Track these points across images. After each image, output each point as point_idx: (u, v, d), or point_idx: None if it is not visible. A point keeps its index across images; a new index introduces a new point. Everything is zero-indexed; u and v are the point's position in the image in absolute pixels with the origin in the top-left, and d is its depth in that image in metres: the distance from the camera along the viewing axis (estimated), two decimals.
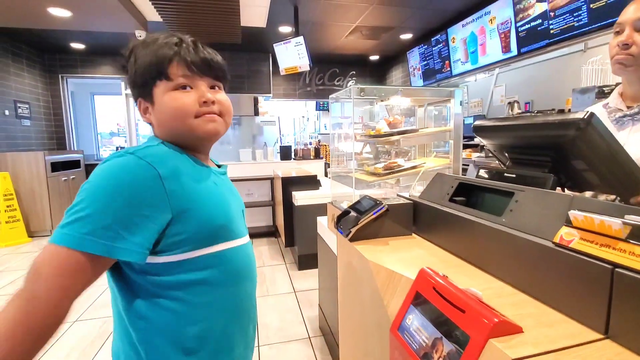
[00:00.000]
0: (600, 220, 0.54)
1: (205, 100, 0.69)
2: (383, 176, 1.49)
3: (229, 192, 0.78)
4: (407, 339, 0.69)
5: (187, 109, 0.67)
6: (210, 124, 0.70)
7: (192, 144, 0.72)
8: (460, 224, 0.87)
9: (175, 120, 0.68)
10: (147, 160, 0.60)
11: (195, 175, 0.68)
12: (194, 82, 0.69)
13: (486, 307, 0.58)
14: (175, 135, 0.70)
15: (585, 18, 2.66)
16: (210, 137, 0.72)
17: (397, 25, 4.55)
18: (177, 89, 0.68)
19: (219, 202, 0.70)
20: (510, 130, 0.89)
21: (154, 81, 0.68)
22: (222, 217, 0.69)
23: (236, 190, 0.85)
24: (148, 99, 0.70)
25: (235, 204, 0.79)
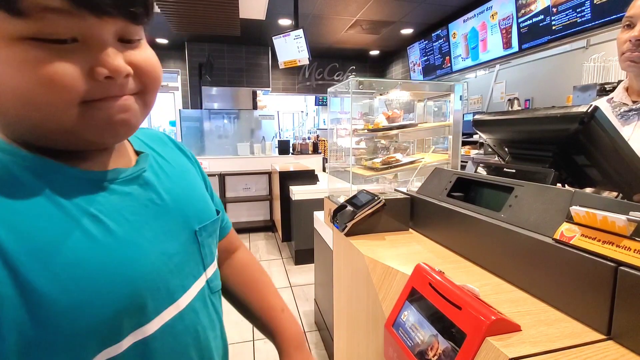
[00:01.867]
0: (603, 217, 0.52)
1: (109, 74, 0.33)
2: (380, 171, 1.47)
3: (148, 215, 0.42)
4: (402, 335, 0.67)
5: (62, 88, 0.31)
6: (117, 116, 0.36)
7: (71, 144, 0.36)
8: (458, 220, 0.85)
9: (28, 108, 0.31)
10: None
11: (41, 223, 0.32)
12: (82, 28, 0.31)
13: (483, 304, 0.56)
14: (23, 131, 0.35)
15: (588, 14, 2.63)
16: (113, 139, 0.39)
17: (398, 19, 4.50)
18: (38, 41, 0.30)
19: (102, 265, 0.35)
20: (511, 125, 0.87)
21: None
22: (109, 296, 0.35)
23: (180, 193, 0.47)
24: None
25: (170, 234, 0.44)
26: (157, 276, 0.40)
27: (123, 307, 0.36)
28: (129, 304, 0.36)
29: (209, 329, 0.48)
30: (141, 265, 0.38)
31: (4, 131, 0.36)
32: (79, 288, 0.33)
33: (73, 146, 0.37)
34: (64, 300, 0.32)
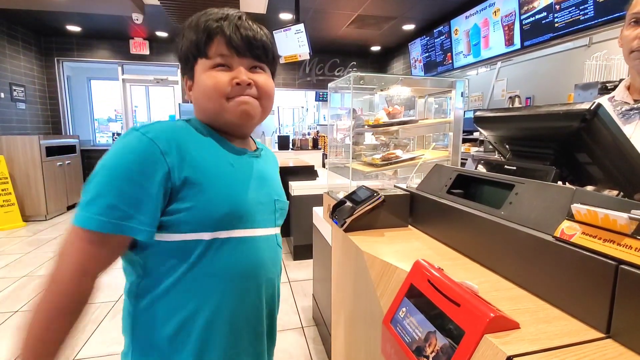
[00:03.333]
0: (604, 215, 0.52)
1: (238, 82, 0.65)
2: (380, 167, 1.46)
3: (254, 177, 0.72)
4: (400, 331, 0.67)
5: (218, 89, 0.65)
6: (241, 106, 0.67)
7: (225, 126, 0.70)
8: (458, 216, 0.84)
9: (207, 99, 0.66)
10: (149, 136, 0.59)
11: (205, 153, 0.65)
12: (231, 62, 0.67)
13: (482, 301, 0.56)
14: (208, 116, 0.69)
15: (591, 12, 2.61)
16: (241, 121, 0.69)
17: (400, 15, 4.47)
18: (214, 68, 0.66)
19: (231, 184, 0.66)
20: (513, 121, 0.86)
21: (195, 59, 0.67)
22: (231, 201, 0.65)
23: (273, 176, 0.80)
24: (190, 77, 0.69)
25: (262, 192, 0.73)
26: (249, 206, 0.68)
27: (230, 209, 0.65)
28: (234, 210, 0.65)
29: (271, 263, 0.73)
30: (244, 194, 0.68)
31: (202, 119, 0.71)
32: (215, 190, 0.63)
33: (225, 127, 0.70)
34: (211, 192, 0.62)
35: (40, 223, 4.40)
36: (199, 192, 0.61)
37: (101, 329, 2.09)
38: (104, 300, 2.43)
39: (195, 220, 0.61)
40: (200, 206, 0.61)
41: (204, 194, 0.61)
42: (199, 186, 0.61)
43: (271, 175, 0.79)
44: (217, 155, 0.67)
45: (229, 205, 0.64)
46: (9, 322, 2.16)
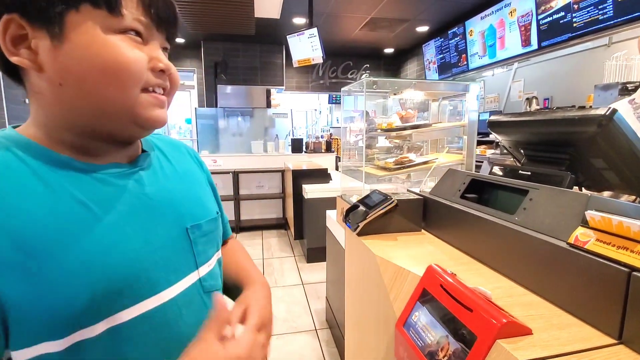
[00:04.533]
0: (618, 222, 0.52)
1: (163, 68, 0.44)
2: (393, 171, 1.47)
3: (136, 209, 0.45)
4: (413, 335, 0.68)
5: (134, 70, 0.41)
6: (158, 110, 0.45)
7: (109, 131, 0.44)
8: (471, 222, 0.85)
9: (110, 84, 0.40)
10: None
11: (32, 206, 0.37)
12: (149, 34, 0.44)
13: (495, 306, 0.56)
14: (89, 110, 0.41)
15: (610, 11, 2.55)
16: (152, 128, 0.46)
17: (413, 17, 4.46)
18: (123, 34, 0.41)
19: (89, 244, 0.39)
20: (527, 126, 0.86)
21: (77, 2, 0.38)
22: (93, 273, 0.38)
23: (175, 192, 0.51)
24: (41, 25, 0.38)
25: (158, 227, 0.46)
26: (137, 265, 0.42)
27: (98, 289, 0.38)
28: (105, 287, 0.39)
29: (195, 327, 0.45)
30: (121, 251, 0.41)
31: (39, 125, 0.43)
32: (58, 266, 0.36)
33: (115, 129, 0.44)
34: (45, 275, 0.36)
35: None
36: (20, 280, 0.35)
37: None
38: None
39: (29, 327, 0.35)
40: (30, 302, 0.35)
41: (33, 279, 0.35)
42: (18, 270, 0.35)
43: (173, 190, 0.51)
44: (50, 199, 0.39)
45: (91, 282, 0.38)
46: None
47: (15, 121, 4.47)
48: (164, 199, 0.49)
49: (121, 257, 0.41)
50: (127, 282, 0.41)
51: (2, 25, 0.38)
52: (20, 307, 0.35)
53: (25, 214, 0.36)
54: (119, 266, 0.40)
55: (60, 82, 0.40)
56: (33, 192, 0.38)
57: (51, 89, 0.40)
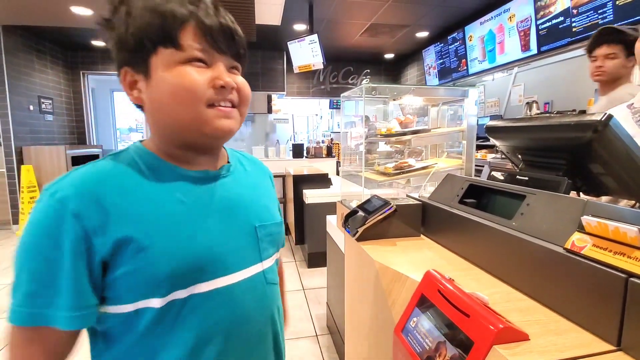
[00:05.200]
0: (614, 227, 0.52)
1: (223, 85, 0.52)
2: (393, 176, 1.47)
3: (218, 208, 0.57)
4: (411, 341, 0.68)
5: (197, 90, 0.50)
6: (224, 120, 0.53)
7: (190, 142, 0.55)
8: (469, 227, 0.85)
9: (177, 103, 0.50)
10: (57, 197, 0.46)
11: (140, 197, 0.51)
12: (211, 58, 0.52)
13: (492, 312, 0.56)
14: (172, 129, 0.53)
15: (610, 15, 2.56)
16: (221, 137, 0.55)
17: (413, 23, 4.49)
18: (188, 63, 0.50)
19: (182, 230, 0.52)
20: (524, 132, 0.86)
21: (154, 46, 0.49)
22: (184, 252, 0.51)
23: (247, 197, 0.63)
24: (139, 70, 0.51)
25: (233, 224, 0.58)
26: (214, 250, 0.54)
27: (185, 264, 0.51)
28: (192, 263, 0.51)
29: (255, 310, 0.58)
30: (203, 238, 0.53)
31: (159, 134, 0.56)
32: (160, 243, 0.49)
33: (194, 143, 0.55)
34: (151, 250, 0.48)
35: None
36: (137, 251, 0.48)
37: None
38: None
39: (142, 285, 0.48)
40: (148, 268, 0.48)
41: (150, 251, 0.48)
42: (138, 243, 0.48)
43: (246, 196, 0.63)
44: (159, 195, 0.52)
45: (182, 258, 0.51)
46: None
47: (19, 127, 4.50)
48: (239, 202, 0.61)
49: (203, 243, 0.53)
50: (207, 261, 0.53)
51: (121, 76, 0.53)
52: (139, 271, 0.48)
53: (133, 206, 0.50)
54: (201, 249, 0.53)
55: (154, 109, 0.53)
56: (140, 190, 0.51)
57: (152, 116, 0.54)
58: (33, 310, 0.45)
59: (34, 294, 0.45)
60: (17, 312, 0.45)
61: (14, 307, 0.46)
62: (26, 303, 0.45)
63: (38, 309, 0.45)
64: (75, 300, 0.46)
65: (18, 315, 0.45)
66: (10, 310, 0.46)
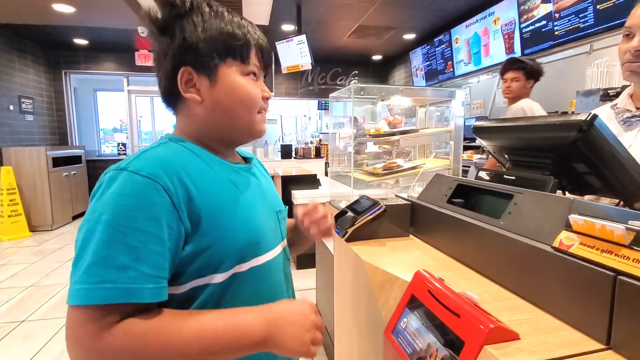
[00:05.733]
0: (601, 225, 0.52)
1: (267, 97, 0.65)
2: (382, 176, 1.47)
3: (256, 192, 0.66)
4: (401, 342, 0.67)
5: (256, 100, 0.63)
6: (263, 125, 0.66)
7: (234, 139, 0.66)
8: (458, 226, 0.85)
9: (241, 108, 0.61)
10: (144, 174, 0.49)
11: (208, 178, 0.57)
12: (259, 73, 0.65)
13: (482, 312, 0.56)
14: (228, 126, 0.62)
15: (591, 19, 2.63)
16: (259, 137, 0.68)
17: (400, 25, 4.53)
18: (248, 75, 0.62)
19: (242, 208, 0.59)
20: (510, 132, 0.87)
21: (224, 57, 0.59)
22: (248, 228, 0.59)
23: (268, 187, 0.73)
24: (203, 73, 0.59)
25: (266, 208, 0.67)
26: (263, 228, 0.63)
27: (249, 238, 0.59)
28: (252, 237, 0.60)
29: (281, 282, 0.68)
30: (256, 216, 0.62)
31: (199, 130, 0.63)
32: (231, 219, 0.57)
33: (233, 141, 0.66)
34: (225, 225, 0.56)
35: (46, 233, 4.44)
36: (215, 226, 0.54)
37: None
38: None
39: (211, 261, 0.54)
40: (220, 242, 0.54)
41: (221, 227, 0.55)
42: (214, 219, 0.54)
43: (267, 186, 0.73)
44: (220, 178, 0.59)
45: (247, 233, 0.58)
46: (16, 332, 2.17)
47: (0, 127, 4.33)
48: (265, 190, 0.70)
49: (256, 221, 0.61)
50: (260, 237, 0.61)
51: (180, 74, 0.58)
52: (216, 244, 0.54)
53: (212, 185, 0.56)
54: (256, 226, 0.61)
55: (213, 109, 0.61)
56: (206, 172, 0.58)
57: (206, 113, 0.61)
58: (122, 285, 0.44)
59: (128, 267, 0.45)
60: (94, 290, 0.43)
61: (88, 284, 0.44)
62: (112, 278, 0.44)
63: (133, 283, 0.45)
64: (161, 271, 0.48)
65: (102, 293, 0.44)
66: (91, 290, 0.44)
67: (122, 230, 0.46)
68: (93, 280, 0.44)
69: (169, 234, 0.49)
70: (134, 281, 0.45)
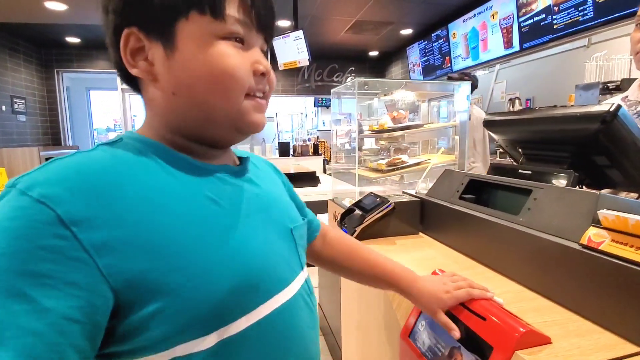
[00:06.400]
0: (635, 221, 0.50)
1: (264, 71, 0.43)
2: (386, 173, 1.44)
3: (253, 207, 0.45)
4: (420, 346, 0.64)
5: (239, 77, 0.40)
6: (259, 115, 0.44)
7: (214, 136, 0.44)
8: (473, 223, 0.82)
9: (215, 90, 0.40)
10: (34, 195, 0.30)
11: (171, 199, 0.37)
12: (249, 37, 0.42)
13: (509, 314, 0.53)
14: (197, 117, 0.42)
15: (590, 12, 2.61)
16: (252, 133, 0.46)
17: (397, 20, 4.49)
18: (226, 40, 0.40)
19: (225, 237, 0.39)
20: (526, 125, 0.84)
21: (187, 10, 0.38)
22: (234, 270, 0.38)
23: (275, 195, 0.52)
24: (156, 35, 0.39)
25: (272, 227, 0.47)
26: (266, 260, 0.43)
27: (239, 282, 0.38)
28: (245, 280, 0.39)
29: (308, 327, 0.48)
30: (253, 245, 0.41)
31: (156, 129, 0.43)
32: (202, 260, 0.36)
33: (218, 135, 0.44)
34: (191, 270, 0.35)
35: None
36: (173, 274, 0.34)
37: None
38: None
39: (180, 325, 0.34)
40: (181, 300, 0.34)
41: (185, 274, 0.34)
42: (170, 264, 0.34)
43: (272, 193, 0.52)
44: (189, 196, 0.39)
45: (234, 275, 0.38)
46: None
47: None
48: (271, 200, 0.50)
49: (254, 252, 0.41)
50: (261, 276, 0.41)
51: (123, 39, 0.39)
52: (179, 301, 0.34)
53: (169, 210, 0.36)
54: (254, 260, 0.41)
55: (173, 92, 0.40)
56: (171, 189, 0.38)
57: (165, 98, 0.41)
58: None
59: None
60: None
61: None
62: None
63: None
64: None
65: None
66: None
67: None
68: None
69: (66, 295, 0.29)
70: None
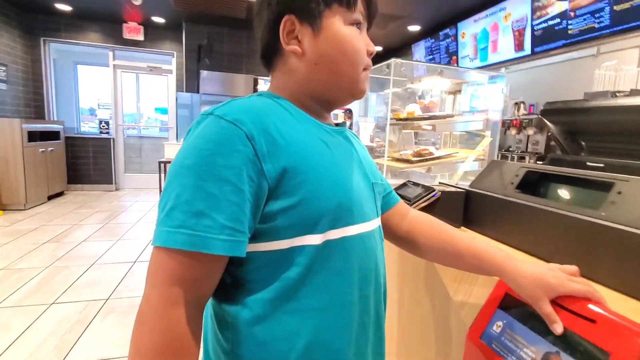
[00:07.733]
0: None
1: (372, 52, 0.57)
2: (414, 163, 1.36)
3: (349, 157, 0.57)
4: (498, 349, 0.57)
5: (362, 54, 0.54)
6: (366, 83, 0.57)
7: (333, 98, 0.57)
8: (537, 217, 0.75)
9: (346, 62, 0.53)
10: (229, 119, 0.45)
11: (298, 134, 0.50)
12: (363, 24, 0.56)
13: (621, 316, 0.46)
14: (329, 82, 0.55)
15: (607, 20, 2.60)
16: (360, 98, 0.59)
17: (406, 15, 4.42)
18: (352, 25, 0.54)
19: (334, 169, 0.51)
20: (605, 114, 0.77)
21: (332, 2, 0.52)
22: (340, 190, 0.50)
23: (364, 155, 0.64)
24: (307, 21, 0.52)
25: (361, 176, 0.58)
26: (357, 195, 0.53)
27: (341, 202, 0.50)
28: (345, 203, 0.51)
29: (380, 256, 0.59)
30: (349, 182, 0.53)
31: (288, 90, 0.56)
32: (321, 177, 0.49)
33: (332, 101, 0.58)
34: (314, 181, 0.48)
35: (18, 212, 4.11)
36: (303, 182, 0.47)
37: (90, 331, 1.92)
38: (93, 298, 2.25)
39: (302, 220, 0.47)
40: (309, 200, 0.47)
41: (311, 184, 0.47)
42: (302, 175, 0.47)
43: (362, 153, 0.63)
44: (310, 135, 0.52)
45: (339, 195, 0.50)
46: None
47: None
48: (361, 157, 0.61)
49: (350, 187, 0.53)
50: (354, 205, 0.52)
51: (283, 23, 0.52)
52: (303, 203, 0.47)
53: (293, 139, 0.48)
54: (350, 192, 0.52)
55: (316, 62, 0.53)
56: (300, 129, 0.51)
57: (308, 67, 0.54)
58: (202, 233, 0.42)
59: (202, 215, 0.42)
60: (179, 235, 0.41)
61: (173, 228, 0.42)
62: (192, 225, 0.41)
63: (206, 232, 0.42)
64: (238, 223, 0.43)
65: (181, 238, 0.41)
66: (165, 233, 0.42)
67: (202, 175, 0.43)
68: (173, 224, 0.42)
69: (249, 185, 0.44)
70: (208, 230, 0.42)
